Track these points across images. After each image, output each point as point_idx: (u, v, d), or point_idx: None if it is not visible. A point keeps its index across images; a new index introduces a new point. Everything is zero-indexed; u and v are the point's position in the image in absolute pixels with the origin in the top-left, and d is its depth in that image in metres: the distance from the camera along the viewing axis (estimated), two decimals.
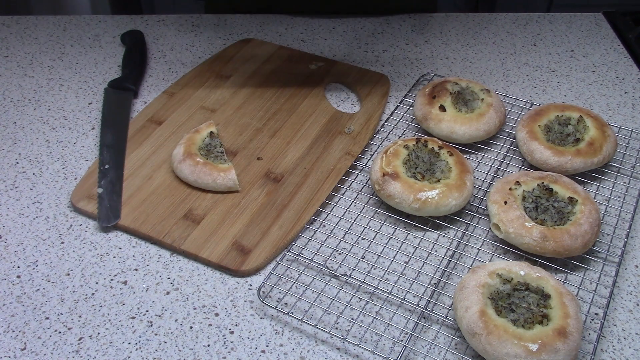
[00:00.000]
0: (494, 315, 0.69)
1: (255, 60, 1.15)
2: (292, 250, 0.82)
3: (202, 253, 0.81)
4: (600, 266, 0.81)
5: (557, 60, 1.19)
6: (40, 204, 0.89)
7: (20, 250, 0.83)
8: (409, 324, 0.74)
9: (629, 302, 0.78)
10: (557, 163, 0.90)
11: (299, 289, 0.78)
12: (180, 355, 0.71)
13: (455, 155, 0.89)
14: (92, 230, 0.85)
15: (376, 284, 0.79)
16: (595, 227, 0.80)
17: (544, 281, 0.73)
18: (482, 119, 0.95)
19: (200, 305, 0.77)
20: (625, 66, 1.18)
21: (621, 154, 0.96)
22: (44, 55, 1.18)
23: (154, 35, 1.24)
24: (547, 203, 0.83)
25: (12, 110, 1.06)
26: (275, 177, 0.92)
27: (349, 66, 1.15)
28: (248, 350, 0.72)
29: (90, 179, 0.91)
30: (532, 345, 0.66)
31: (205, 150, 0.92)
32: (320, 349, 0.72)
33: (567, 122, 0.95)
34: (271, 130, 1.00)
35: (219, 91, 1.08)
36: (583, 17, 1.32)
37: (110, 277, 0.79)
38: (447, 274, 0.80)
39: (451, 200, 0.83)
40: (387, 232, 0.86)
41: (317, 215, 0.87)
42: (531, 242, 0.79)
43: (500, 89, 1.12)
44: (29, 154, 0.97)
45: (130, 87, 1.08)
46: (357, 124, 1.02)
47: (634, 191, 0.91)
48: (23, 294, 0.77)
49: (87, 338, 0.73)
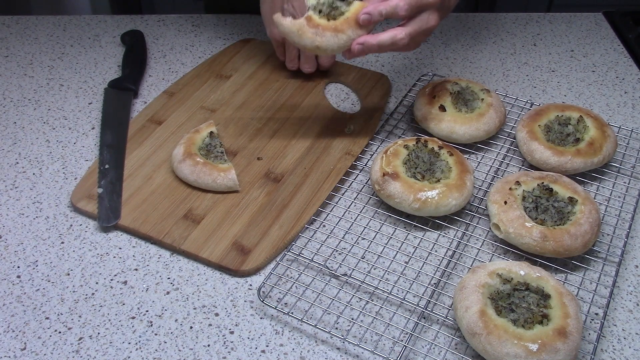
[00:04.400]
0: (494, 315, 0.69)
1: (255, 60, 1.15)
2: (292, 250, 0.82)
3: (202, 253, 0.81)
4: (600, 266, 0.81)
5: (557, 60, 1.19)
6: (40, 204, 0.89)
7: (20, 250, 0.83)
8: (409, 324, 0.74)
9: (629, 302, 0.78)
10: (557, 163, 0.90)
11: (299, 289, 0.78)
12: (180, 355, 0.71)
13: (455, 155, 0.89)
14: (92, 230, 0.85)
15: (376, 284, 0.79)
16: (595, 227, 0.80)
17: (544, 281, 0.73)
18: (482, 119, 0.95)
19: (200, 305, 0.77)
20: (625, 66, 1.18)
21: (621, 154, 0.96)
22: (44, 55, 1.18)
23: (154, 35, 1.24)
24: (547, 203, 0.83)
25: (12, 110, 1.06)
26: (275, 177, 0.92)
27: (349, 66, 1.15)
28: (248, 350, 0.72)
29: (90, 179, 0.91)
30: (532, 345, 0.66)
31: (205, 150, 0.92)
32: (320, 349, 0.72)
33: (567, 122, 0.95)
34: (271, 130, 1.00)
35: (219, 91, 1.08)
36: (583, 17, 1.32)
37: (110, 277, 0.79)
38: (447, 274, 0.80)
39: (451, 200, 0.83)
40: (387, 232, 0.86)
41: (317, 215, 0.87)
42: (531, 242, 0.79)
43: (500, 89, 1.12)
44: (29, 154, 0.97)
45: (130, 87, 1.08)
46: (357, 124, 1.02)
47: (634, 191, 0.91)
48: (23, 294, 0.77)
49: (87, 338, 0.73)
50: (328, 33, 0.82)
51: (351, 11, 0.83)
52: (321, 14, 0.84)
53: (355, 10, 0.83)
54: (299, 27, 0.82)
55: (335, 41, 0.82)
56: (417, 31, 0.83)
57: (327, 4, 0.84)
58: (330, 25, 0.82)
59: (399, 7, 0.80)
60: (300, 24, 0.82)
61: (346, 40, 0.83)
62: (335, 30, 0.82)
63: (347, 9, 0.84)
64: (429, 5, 0.82)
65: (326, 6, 0.84)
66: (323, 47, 0.83)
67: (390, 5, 0.81)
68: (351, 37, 0.83)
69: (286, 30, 0.83)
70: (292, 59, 1.09)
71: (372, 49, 0.82)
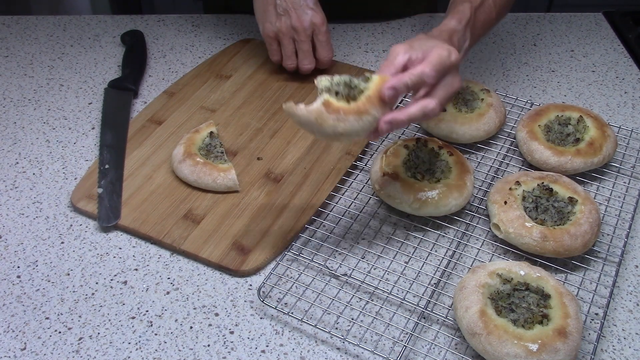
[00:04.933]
0: (494, 315, 0.69)
1: (255, 60, 1.15)
2: (292, 250, 0.82)
3: (202, 253, 0.81)
4: (600, 266, 0.81)
5: (557, 60, 1.19)
6: (40, 204, 0.89)
7: (20, 250, 0.83)
8: (409, 324, 0.74)
9: (629, 302, 0.78)
10: (557, 163, 0.90)
11: (299, 289, 0.78)
12: (180, 355, 0.71)
13: (455, 155, 0.89)
14: (92, 230, 0.85)
15: (376, 284, 0.79)
16: (595, 227, 0.80)
17: (544, 281, 0.73)
18: (482, 119, 0.95)
19: (200, 305, 0.77)
20: (625, 66, 1.18)
21: (621, 154, 0.96)
22: (44, 55, 1.18)
23: (154, 35, 1.24)
24: (547, 203, 0.83)
25: (12, 110, 1.06)
26: (275, 177, 0.92)
27: (349, 66, 1.15)
28: (248, 350, 0.72)
29: (90, 179, 0.91)
30: (532, 345, 0.66)
31: (205, 150, 0.92)
32: (320, 349, 0.72)
33: (567, 122, 0.95)
34: (271, 130, 1.00)
35: (219, 91, 1.08)
36: (583, 17, 1.32)
37: (110, 277, 0.79)
38: (447, 274, 0.80)
39: (451, 200, 0.83)
40: (387, 232, 0.86)
41: (317, 215, 0.87)
42: (531, 242, 0.79)
43: (500, 89, 1.12)
44: (29, 154, 0.97)
45: (130, 87, 1.08)
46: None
47: (634, 191, 0.91)
48: (23, 294, 0.77)
49: (87, 338, 0.73)
50: (351, 117, 0.69)
51: (371, 88, 0.71)
52: (338, 95, 0.71)
53: (376, 86, 0.71)
54: (317, 114, 0.69)
55: (360, 124, 0.70)
56: (446, 97, 0.75)
57: (342, 83, 0.72)
58: (352, 108, 0.70)
59: (426, 75, 0.72)
60: (318, 111, 0.69)
61: (372, 121, 0.71)
62: (358, 112, 0.70)
63: (365, 86, 0.72)
64: (452, 66, 0.75)
65: (342, 86, 0.72)
66: (347, 133, 0.70)
67: (416, 75, 0.72)
68: (376, 117, 0.71)
69: (302, 120, 0.70)
70: (289, 55, 1.07)
71: (402, 125, 0.73)
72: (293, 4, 1.02)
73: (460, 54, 0.79)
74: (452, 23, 0.85)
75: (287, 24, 1.03)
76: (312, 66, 1.08)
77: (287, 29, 1.03)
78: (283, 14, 1.03)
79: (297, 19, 1.02)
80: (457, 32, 0.85)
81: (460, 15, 0.86)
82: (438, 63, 0.73)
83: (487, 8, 0.91)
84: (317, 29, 1.04)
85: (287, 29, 1.03)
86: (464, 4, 0.88)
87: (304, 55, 1.07)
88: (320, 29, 1.04)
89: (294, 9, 1.02)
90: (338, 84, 0.72)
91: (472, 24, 0.87)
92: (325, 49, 1.07)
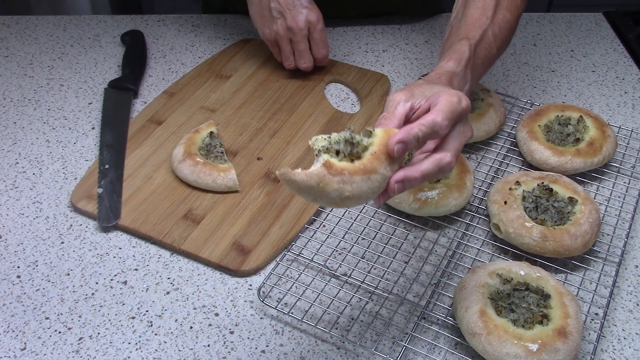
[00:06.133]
0: (494, 315, 0.69)
1: (255, 60, 1.15)
2: (292, 250, 0.82)
3: (202, 253, 0.81)
4: (600, 266, 0.81)
5: (557, 60, 1.19)
6: (40, 204, 0.89)
7: (20, 250, 0.83)
8: (409, 324, 0.74)
9: (629, 302, 0.78)
10: (557, 163, 0.90)
11: (299, 288, 0.78)
12: (180, 355, 0.71)
13: None
14: (92, 230, 0.85)
15: (376, 283, 0.79)
16: (595, 227, 0.80)
17: (544, 281, 0.73)
18: (482, 119, 0.95)
19: (200, 305, 0.77)
20: (625, 66, 1.18)
21: (621, 154, 0.96)
22: (44, 55, 1.18)
23: (154, 35, 1.24)
24: (547, 203, 0.83)
25: (12, 110, 1.06)
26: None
27: (349, 66, 1.15)
28: (248, 350, 0.72)
29: (90, 179, 0.91)
30: (532, 345, 0.66)
31: (205, 150, 0.92)
32: (320, 349, 0.72)
33: (567, 122, 0.95)
34: (271, 130, 1.00)
35: (219, 91, 1.08)
36: (583, 17, 1.32)
37: (110, 277, 0.79)
38: (447, 274, 0.80)
39: (451, 200, 0.83)
40: (387, 232, 0.86)
41: (317, 215, 0.87)
42: (531, 242, 0.79)
43: (500, 89, 1.12)
44: (29, 154, 0.97)
45: (130, 87, 1.08)
46: (357, 124, 1.02)
47: (634, 191, 0.91)
48: (23, 294, 0.77)
49: (87, 338, 0.73)
50: (358, 177, 0.60)
51: (376, 143, 0.62)
52: (339, 155, 0.62)
53: (382, 141, 0.62)
54: (319, 179, 0.59)
55: (368, 186, 0.61)
56: (459, 149, 0.67)
57: (342, 141, 0.62)
58: (359, 167, 0.60)
59: (439, 126, 0.63)
60: (319, 175, 0.59)
61: (381, 181, 0.62)
62: (365, 172, 0.60)
63: (369, 141, 0.62)
64: (463, 113, 0.66)
65: (343, 144, 0.62)
66: (355, 196, 0.61)
67: (427, 126, 0.62)
68: (386, 176, 0.62)
69: (302, 187, 0.59)
70: (287, 56, 1.08)
71: (415, 184, 0.64)
72: (287, 5, 1.02)
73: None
74: (450, 65, 0.78)
75: (283, 25, 1.03)
76: (309, 64, 1.09)
77: (284, 31, 1.04)
78: (278, 16, 1.03)
79: (293, 19, 1.03)
80: (456, 74, 0.77)
81: (459, 55, 0.79)
82: (449, 111, 0.64)
83: (487, 44, 0.84)
84: (313, 26, 1.04)
85: (284, 31, 1.04)
86: (461, 42, 0.81)
87: (300, 55, 1.08)
88: (315, 27, 1.04)
89: (289, 10, 1.02)
90: (337, 141, 0.62)
91: (472, 63, 0.81)
92: (320, 47, 1.07)
